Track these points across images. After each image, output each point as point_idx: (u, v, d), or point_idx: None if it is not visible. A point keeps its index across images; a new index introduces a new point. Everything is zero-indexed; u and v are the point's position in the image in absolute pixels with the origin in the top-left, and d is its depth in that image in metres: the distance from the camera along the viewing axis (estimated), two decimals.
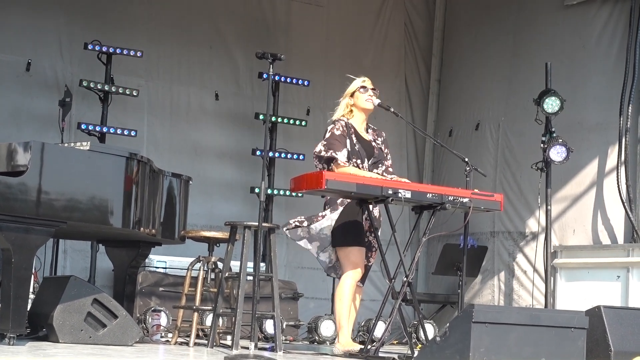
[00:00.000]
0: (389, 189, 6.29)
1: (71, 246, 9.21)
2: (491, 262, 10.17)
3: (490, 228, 10.17)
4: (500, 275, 10.17)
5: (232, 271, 6.97)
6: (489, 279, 10.22)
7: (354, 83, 6.85)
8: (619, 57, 9.44)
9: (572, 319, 5.76)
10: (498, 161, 10.29)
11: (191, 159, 9.92)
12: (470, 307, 5.42)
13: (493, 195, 6.74)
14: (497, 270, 10.19)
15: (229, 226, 6.90)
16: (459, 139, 10.76)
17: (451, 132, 10.90)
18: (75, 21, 9.55)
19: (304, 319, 9.23)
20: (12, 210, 5.77)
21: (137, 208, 6.47)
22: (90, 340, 6.36)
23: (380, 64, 11.04)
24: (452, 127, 10.93)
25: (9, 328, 5.79)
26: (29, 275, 5.98)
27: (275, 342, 6.73)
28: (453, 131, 10.88)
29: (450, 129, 10.92)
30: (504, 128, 10.32)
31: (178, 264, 8.95)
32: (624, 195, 9.15)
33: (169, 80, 10.06)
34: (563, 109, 8.99)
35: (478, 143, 10.48)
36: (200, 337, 7.72)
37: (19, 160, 5.91)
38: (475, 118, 10.62)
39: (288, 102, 10.41)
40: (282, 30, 10.69)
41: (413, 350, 6.44)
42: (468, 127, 10.69)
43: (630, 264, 8.70)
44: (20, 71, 9.23)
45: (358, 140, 6.71)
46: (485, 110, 10.56)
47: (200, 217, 9.43)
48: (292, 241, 6.78)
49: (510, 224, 10.05)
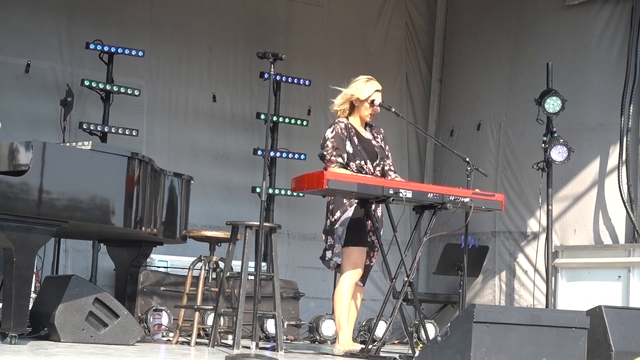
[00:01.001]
0: (390, 188, 6.29)
1: (72, 246, 9.21)
2: (492, 262, 10.16)
3: (492, 228, 10.17)
4: (501, 275, 10.17)
5: (233, 271, 6.97)
6: (490, 278, 10.22)
7: (366, 88, 6.72)
8: (620, 57, 9.44)
9: (573, 319, 5.75)
10: (499, 161, 10.29)
11: (190, 159, 9.91)
12: (472, 307, 5.42)
13: (494, 195, 6.75)
14: (498, 270, 10.18)
15: (230, 226, 6.90)
16: (460, 139, 10.76)
17: (452, 132, 10.90)
18: (75, 22, 9.54)
19: (304, 319, 9.23)
20: (13, 209, 5.77)
21: (138, 207, 6.47)
22: (92, 340, 6.36)
23: (381, 63, 11.03)
24: (453, 127, 10.93)
25: (10, 327, 5.80)
26: (30, 274, 5.99)
27: (276, 342, 6.73)
28: (454, 131, 10.88)
29: (452, 129, 10.92)
30: (505, 128, 10.32)
31: (179, 263, 8.95)
32: (625, 195, 9.15)
33: (168, 81, 10.06)
34: (564, 109, 8.99)
35: (479, 143, 10.49)
36: (202, 337, 7.72)
37: (20, 160, 5.92)
38: (477, 118, 10.62)
39: (289, 102, 10.41)
40: (283, 30, 10.69)
41: (414, 350, 6.44)
42: (469, 127, 10.69)
43: (631, 264, 8.70)
44: (19, 73, 9.23)
45: (360, 141, 6.69)
46: (486, 111, 10.56)
47: (199, 218, 9.43)
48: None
49: (511, 224, 10.04)
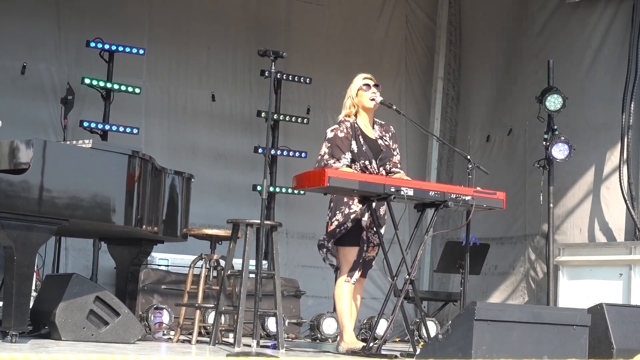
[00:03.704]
0: (392, 186, 6.29)
1: (73, 244, 9.20)
2: (496, 261, 10.17)
3: (493, 228, 10.17)
4: (504, 274, 10.18)
5: (234, 269, 6.97)
6: (494, 277, 10.24)
7: (356, 81, 6.83)
8: (623, 55, 9.42)
9: (575, 317, 5.75)
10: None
11: (189, 158, 9.90)
12: (473, 305, 5.41)
13: (496, 194, 6.74)
14: (502, 268, 10.19)
15: (231, 224, 6.90)
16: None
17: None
18: (71, 23, 9.53)
19: (305, 317, 9.22)
20: (14, 208, 5.77)
21: (139, 206, 6.46)
22: (93, 338, 6.36)
23: (382, 61, 11.02)
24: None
25: (11, 325, 5.79)
26: (31, 272, 5.98)
27: (277, 340, 6.73)
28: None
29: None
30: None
31: (180, 261, 8.94)
32: (626, 193, 9.15)
33: (167, 80, 10.05)
34: (565, 106, 8.98)
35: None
36: (203, 335, 7.72)
37: (21, 158, 5.91)
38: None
39: (288, 101, 10.40)
40: (282, 29, 10.68)
41: (415, 347, 6.44)
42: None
43: (633, 262, 8.69)
44: (15, 75, 9.22)
45: (365, 141, 6.70)
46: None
47: (198, 217, 9.41)
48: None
49: (513, 222, 10.05)
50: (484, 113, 10.83)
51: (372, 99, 6.75)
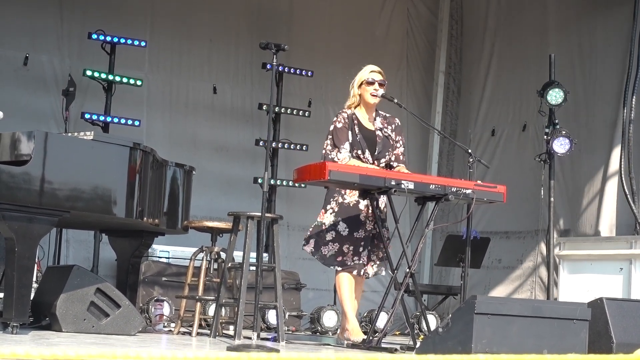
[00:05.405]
0: (392, 179, 6.29)
1: (74, 236, 9.21)
2: (498, 255, 10.18)
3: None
4: (506, 268, 10.18)
5: (234, 261, 6.98)
6: (496, 272, 10.24)
7: (362, 72, 6.84)
8: (625, 49, 9.42)
9: (575, 311, 5.75)
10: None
11: (190, 151, 9.90)
12: (473, 299, 5.42)
13: (496, 187, 6.74)
14: (504, 262, 10.19)
15: (232, 216, 6.90)
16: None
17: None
18: (73, 14, 9.53)
19: (306, 310, 9.23)
20: (15, 199, 5.77)
21: (140, 198, 6.46)
22: (93, 330, 6.37)
23: (384, 54, 11.00)
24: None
25: (12, 317, 5.80)
26: (32, 264, 5.99)
27: (277, 332, 6.74)
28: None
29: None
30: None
31: (181, 254, 8.95)
32: (627, 188, 9.15)
33: (168, 72, 10.05)
34: (567, 100, 8.97)
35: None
36: (203, 327, 7.73)
37: (22, 150, 5.91)
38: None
39: (290, 94, 10.40)
40: (284, 22, 10.67)
41: (415, 341, 6.45)
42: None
43: (633, 256, 8.69)
44: (17, 66, 9.22)
45: (360, 131, 6.72)
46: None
47: (199, 209, 9.41)
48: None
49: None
50: (485, 107, 10.83)
51: (374, 95, 6.76)
